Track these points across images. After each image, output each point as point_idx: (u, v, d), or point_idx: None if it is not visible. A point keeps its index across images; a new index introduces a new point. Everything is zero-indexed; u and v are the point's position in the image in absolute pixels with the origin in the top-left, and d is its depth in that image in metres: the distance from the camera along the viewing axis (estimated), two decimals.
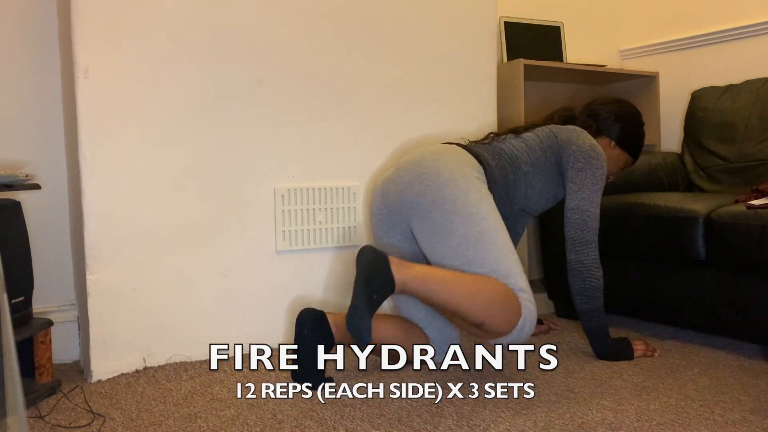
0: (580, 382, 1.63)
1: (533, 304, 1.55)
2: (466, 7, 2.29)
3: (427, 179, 1.62)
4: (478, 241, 1.55)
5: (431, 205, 1.60)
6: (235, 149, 1.92)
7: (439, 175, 1.62)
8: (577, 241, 1.75)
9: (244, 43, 1.91)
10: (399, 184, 1.68)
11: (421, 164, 1.67)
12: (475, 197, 1.60)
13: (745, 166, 2.39)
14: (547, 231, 2.38)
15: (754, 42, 2.66)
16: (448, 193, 1.59)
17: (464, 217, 1.57)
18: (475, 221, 1.56)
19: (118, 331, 1.77)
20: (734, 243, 1.79)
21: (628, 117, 1.97)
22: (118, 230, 1.76)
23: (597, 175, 1.78)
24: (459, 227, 1.56)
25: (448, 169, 1.63)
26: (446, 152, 1.70)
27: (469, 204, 1.58)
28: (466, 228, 1.56)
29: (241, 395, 1.56)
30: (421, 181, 1.63)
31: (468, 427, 1.35)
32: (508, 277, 1.54)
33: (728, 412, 1.42)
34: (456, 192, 1.59)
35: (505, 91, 2.47)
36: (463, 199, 1.58)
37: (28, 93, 1.91)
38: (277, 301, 2.00)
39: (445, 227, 1.58)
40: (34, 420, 1.44)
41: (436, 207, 1.59)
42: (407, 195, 1.65)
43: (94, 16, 1.71)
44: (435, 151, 1.71)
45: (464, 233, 1.56)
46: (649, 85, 2.85)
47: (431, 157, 1.68)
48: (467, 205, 1.58)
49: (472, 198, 1.59)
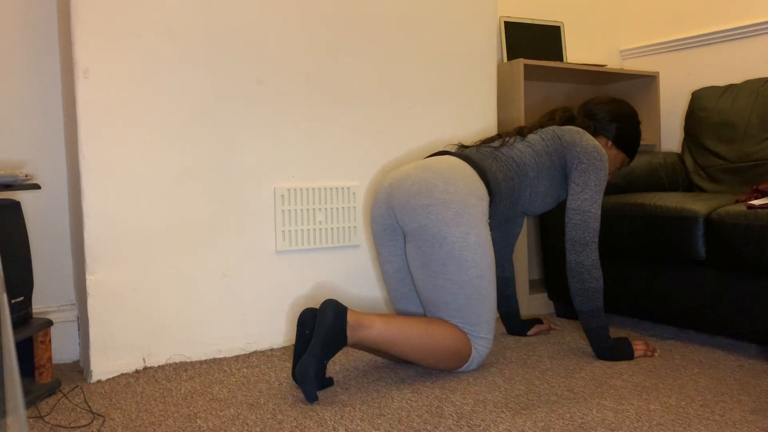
0: (580, 382, 1.63)
1: (487, 349, 1.70)
2: (466, 7, 2.29)
3: (432, 213, 1.65)
4: (461, 289, 1.65)
5: (431, 241, 1.65)
6: (235, 149, 1.92)
7: (446, 210, 1.64)
8: (578, 242, 1.76)
9: (244, 44, 1.91)
10: (405, 206, 1.69)
11: (431, 193, 1.66)
12: (473, 241, 1.64)
13: (745, 166, 2.39)
14: (547, 231, 2.38)
15: (754, 42, 2.67)
16: (450, 234, 1.63)
17: (457, 263, 1.64)
18: (465, 268, 1.64)
19: (118, 331, 1.77)
20: (734, 243, 1.79)
21: (625, 116, 1.98)
22: (118, 230, 1.76)
23: (600, 176, 1.79)
24: (449, 271, 1.64)
25: (455, 204, 1.65)
26: (457, 180, 1.68)
27: (466, 248, 1.64)
28: (455, 274, 1.64)
29: (241, 395, 1.56)
30: (428, 213, 1.65)
31: (468, 427, 1.35)
32: (473, 326, 1.67)
33: (728, 412, 1.42)
34: (457, 234, 1.63)
35: (505, 91, 2.48)
36: (462, 243, 1.64)
37: (28, 93, 1.91)
38: (276, 301, 2.00)
39: (437, 266, 1.65)
40: (34, 420, 1.44)
41: (434, 244, 1.65)
42: (410, 221, 1.68)
43: (94, 16, 1.71)
44: (446, 179, 1.68)
45: (452, 278, 1.64)
46: (649, 85, 2.85)
47: (442, 186, 1.67)
48: (464, 249, 1.64)
49: (470, 241, 1.64)
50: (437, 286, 1.66)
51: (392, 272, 1.81)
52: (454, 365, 1.69)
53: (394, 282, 1.82)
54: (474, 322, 1.67)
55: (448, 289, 1.65)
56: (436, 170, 1.71)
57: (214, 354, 1.90)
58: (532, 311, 2.44)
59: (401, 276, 1.80)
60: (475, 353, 1.69)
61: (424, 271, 1.68)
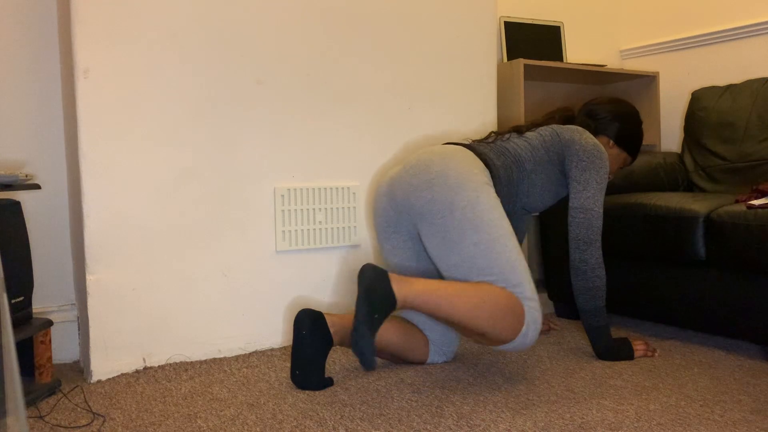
0: (580, 382, 1.63)
1: (539, 312, 1.55)
2: (466, 7, 2.29)
3: (436, 185, 1.61)
4: (489, 249, 1.55)
5: (441, 212, 1.59)
6: (235, 149, 1.92)
7: (447, 180, 1.60)
8: (581, 240, 1.75)
9: (243, 44, 1.91)
10: (407, 187, 1.67)
11: (429, 168, 1.64)
12: (485, 203, 1.59)
13: (745, 166, 2.39)
14: (547, 231, 2.38)
15: (754, 42, 2.67)
16: (458, 199, 1.58)
17: (475, 226, 1.56)
18: (486, 229, 1.56)
19: (118, 331, 1.77)
20: (734, 243, 1.79)
21: (626, 116, 1.98)
22: (118, 230, 1.76)
23: (601, 174, 1.79)
24: (470, 236, 1.56)
25: (456, 173, 1.61)
26: (453, 155, 1.68)
27: (480, 211, 1.57)
28: (477, 236, 1.55)
29: (241, 395, 1.56)
30: (431, 186, 1.61)
31: (468, 427, 1.35)
32: (516, 286, 1.54)
33: (728, 412, 1.42)
34: (466, 198, 1.58)
35: (505, 91, 2.48)
36: (474, 206, 1.57)
37: (28, 93, 1.91)
38: (276, 301, 2.00)
39: (456, 235, 1.57)
40: (34, 420, 1.44)
41: (446, 214, 1.58)
42: (416, 200, 1.64)
43: (94, 17, 1.71)
44: (442, 154, 1.67)
45: (475, 242, 1.55)
46: (649, 85, 2.85)
47: (439, 160, 1.65)
48: (478, 212, 1.57)
49: (482, 204, 1.58)
50: (464, 256, 1.56)
51: (395, 266, 1.80)
52: (509, 327, 1.51)
53: None
54: (515, 282, 1.54)
55: (476, 253, 1.55)
56: (431, 152, 1.70)
57: (214, 354, 1.90)
58: None
59: (403, 269, 1.79)
60: (529, 316, 1.53)
61: (446, 246, 1.59)
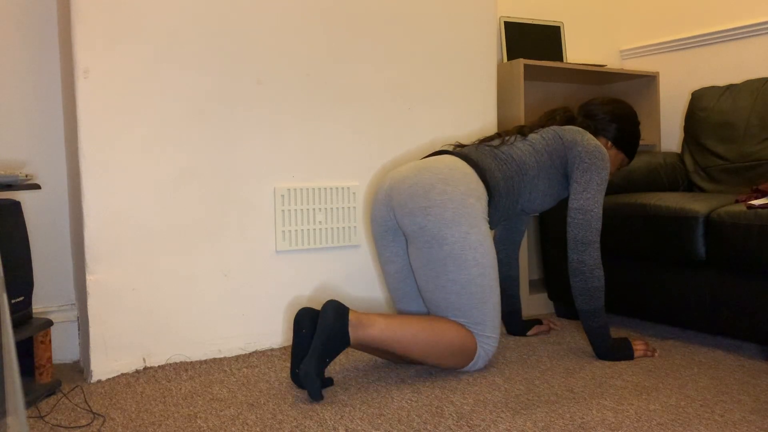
0: (580, 382, 1.63)
1: (493, 347, 1.70)
2: (465, 7, 2.29)
3: (431, 214, 1.65)
4: (464, 288, 1.65)
5: (431, 242, 1.65)
6: (235, 149, 1.92)
7: (444, 210, 1.64)
8: (580, 241, 1.76)
9: (243, 44, 1.91)
10: (403, 207, 1.70)
11: (428, 195, 1.66)
12: (474, 241, 1.65)
13: (745, 166, 2.39)
14: (547, 231, 2.38)
15: (754, 42, 2.67)
16: (449, 234, 1.64)
17: (458, 262, 1.64)
18: (467, 267, 1.64)
19: (118, 331, 1.77)
20: (734, 243, 1.79)
21: (624, 117, 1.98)
22: (118, 230, 1.76)
23: (602, 175, 1.79)
24: (450, 271, 1.64)
25: (454, 205, 1.65)
26: (455, 181, 1.68)
27: (467, 248, 1.64)
28: (457, 273, 1.64)
29: (241, 395, 1.56)
30: (426, 214, 1.65)
31: (468, 427, 1.35)
32: (478, 325, 1.67)
33: (728, 412, 1.42)
34: (457, 235, 1.64)
35: (505, 91, 2.48)
36: (462, 243, 1.64)
37: (28, 93, 1.91)
38: (276, 301, 2.00)
39: (438, 268, 1.65)
40: (34, 420, 1.44)
41: (434, 245, 1.65)
42: (409, 222, 1.68)
43: (94, 17, 1.71)
44: (445, 180, 1.68)
45: (453, 278, 1.64)
46: (649, 85, 2.85)
47: (441, 186, 1.66)
48: (465, 248, 1.64)
49: (471, 242, 1.64)
50: (439, 287, 1.66)
51: (394, 273, 1.81)
52: (459, 363, 1.68)
53: (395, 282, 1.82)
54: (478, 320, 1.67)
55: (450, 289, 1.65)
56: (433, 171, 1.70)
57: (214, 354, 1.90)
58: (532, 311, 2.44)
59: (402, 276, 1.80)
60: (481, 351, 1.68)
61: (426, 272, 1.68)
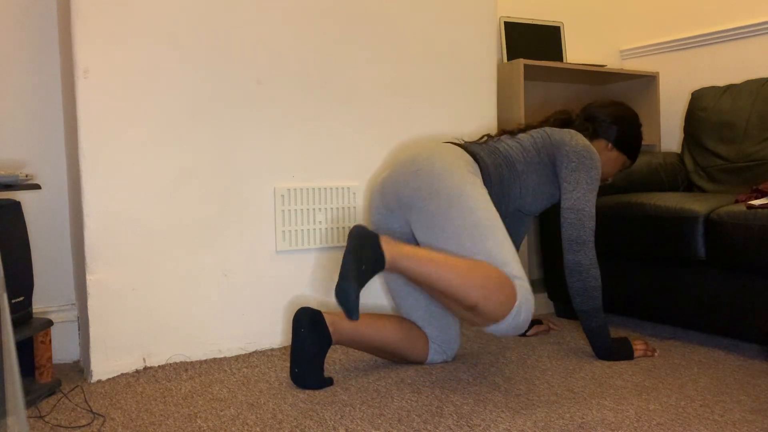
0: (580, 382, 1.63)
1: (530, 292, 1.53)
2: (466, 7, 2.29)
3: (422, 173, 1.65)
4: (474, 230, 1.56)
5: (428, 198, 1.62)
6: (235, 149, 1.92)
7: (433, 167, 1.65)
8: (574, 241, 1.76)
9: (243, 43, 1.91)
10: (395, 182, 1.70)
11: (415, 161, 1.70)
12: (469, 188, 1.62)
13: (745, 166, 2.39)
14: (547, 231, 2.38)
15: (754, 42, 2.67)
16: (443, 185, 1.61)
17: (460, 207, 1.58)
18: (471, 211, 1.58)
19: (118, 331, 1.77)
20: (734, 243, 1.79)
21: (625, 119, 1.98)
22: (118, 230, 1.76)
23: (591, 174, 1.79)
24: (455, 218, 1.58)
25: (442, 162, 1.66)
26: (440, 149, 1.73)
27: (465, 195, 1.60)
28: (461, 219, 1.57)
29: (241, 395, 1.56)
30: (417, 176, 1.65)
31: (468, 427, 1.35)
32: (504, 265, 1.53)
33: (728, 412, 1.42)
34: (451, 183, 1.61)
35: (505, 91, 2.48)
36: (459, 190, 1.60)
37: (28, 93, 1.91)
38: (276, 301, 2.00)
39: (442, 219, 1.59)
40: (34, 420, 1.44)
41: (432, 199, 1.61)
42: (404, 191, 1.68)
43: (94, 16, 1.71)
44: (429, 148, 1.74)
45: (460, 224, 1.57)
46: (649, 85, 2.85)
47: (425, 153, 1.71)
48: (462, 195, 1.60)
49: (466, 189, 1.61)
50: (450, 237, 1.57)
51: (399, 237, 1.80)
52: (501, 300, 1.48)
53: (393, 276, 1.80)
54: (503, 260, 1.53)
55: (463, 235, 1.56)
56: (418, 147, 1.76)
57: (214, 354, 1.90)
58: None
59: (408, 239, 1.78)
60: (521, 297, 1.51)
61: (432, 232, 1.60)
